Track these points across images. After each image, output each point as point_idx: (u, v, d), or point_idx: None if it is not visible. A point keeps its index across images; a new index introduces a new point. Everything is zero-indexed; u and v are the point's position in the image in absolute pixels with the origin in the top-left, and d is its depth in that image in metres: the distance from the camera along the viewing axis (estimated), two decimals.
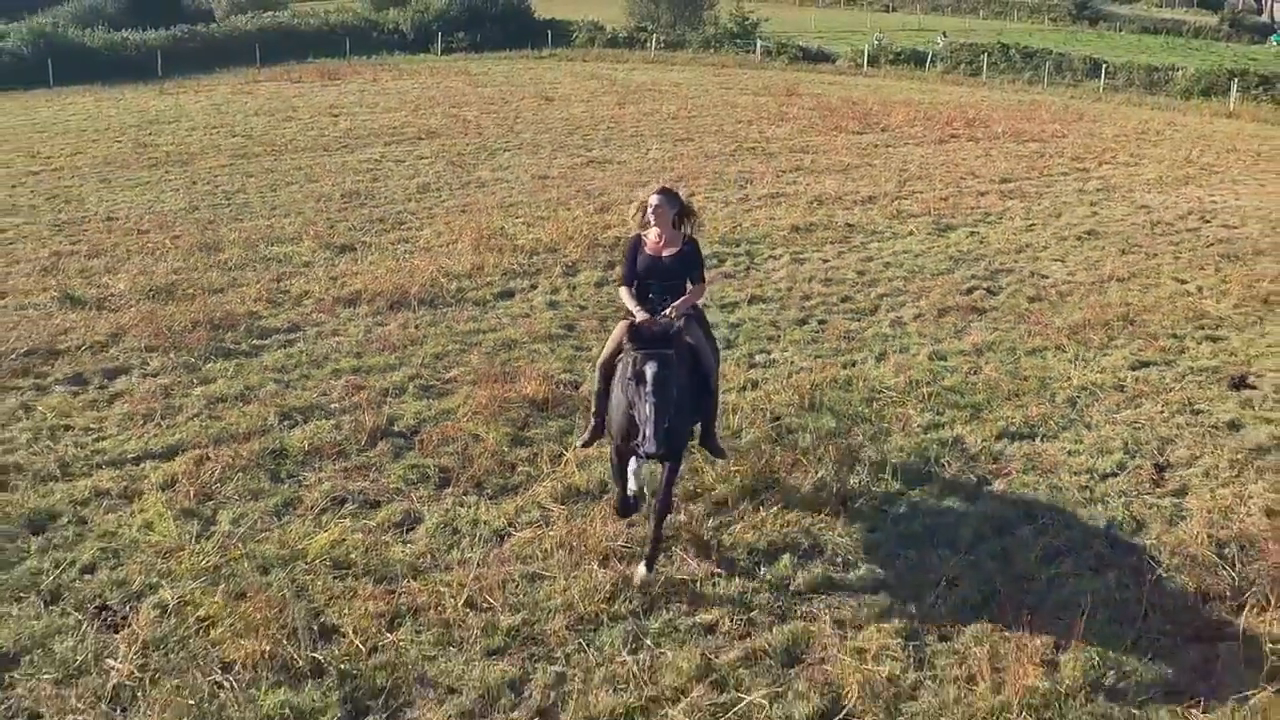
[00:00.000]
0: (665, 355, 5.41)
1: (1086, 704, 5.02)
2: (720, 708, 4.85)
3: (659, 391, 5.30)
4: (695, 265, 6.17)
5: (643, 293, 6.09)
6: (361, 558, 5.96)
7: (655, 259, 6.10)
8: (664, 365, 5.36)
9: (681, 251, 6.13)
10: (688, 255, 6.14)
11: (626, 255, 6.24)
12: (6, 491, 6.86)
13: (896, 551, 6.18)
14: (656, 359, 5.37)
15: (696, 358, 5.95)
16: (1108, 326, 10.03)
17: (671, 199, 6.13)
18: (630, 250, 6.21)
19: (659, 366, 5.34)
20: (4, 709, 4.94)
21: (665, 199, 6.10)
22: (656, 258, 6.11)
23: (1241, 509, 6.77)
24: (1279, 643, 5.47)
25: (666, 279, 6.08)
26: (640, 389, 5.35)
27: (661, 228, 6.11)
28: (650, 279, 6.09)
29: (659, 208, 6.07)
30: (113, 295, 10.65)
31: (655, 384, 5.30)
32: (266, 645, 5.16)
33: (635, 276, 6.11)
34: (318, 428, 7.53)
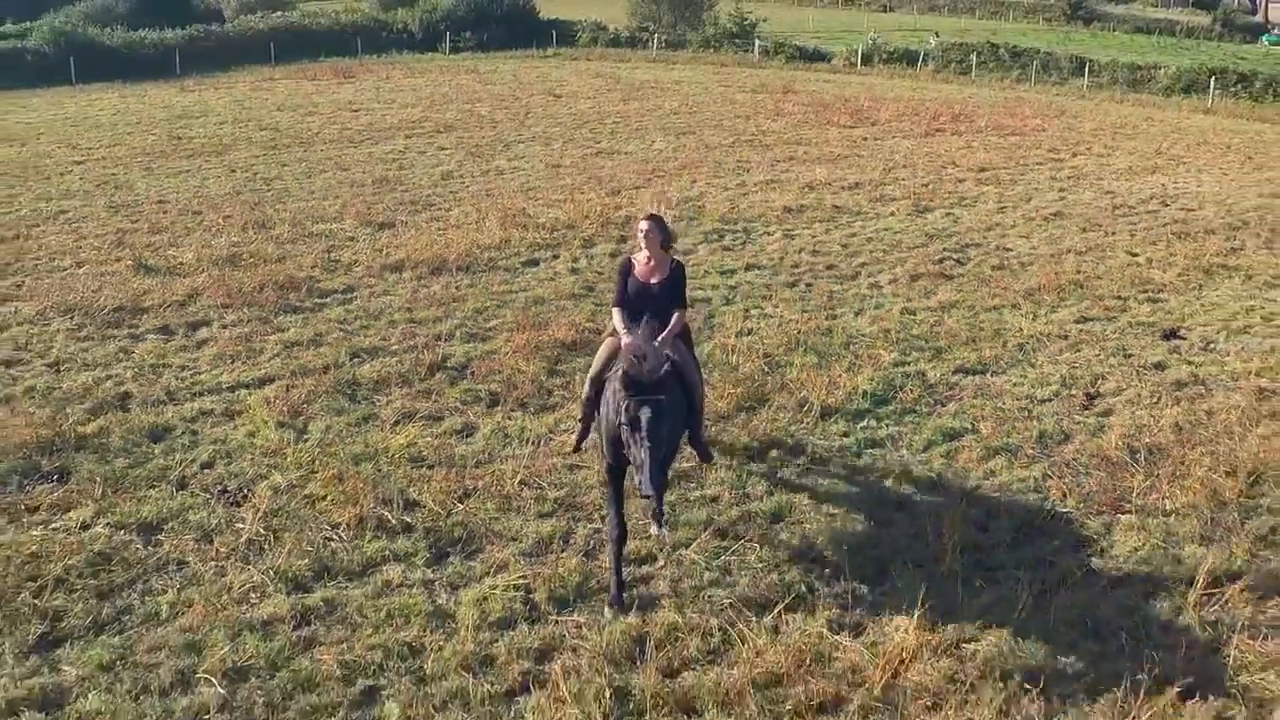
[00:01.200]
0: (658, 402, 5.74)
1: (1012, 550, 6.52)
2: (722, 548, 6.36)
3: (653, 437, 5.65)
4: (679, 290, 6.63)
5: (632, 315, 6.50)
6: (433, 454, 7.47)
7: (644, 285, 6.58)
8: (657, 412, 5.70)
9: (668, 277, 6.60)
10: (674, 281, 6.61)
11: (618, 278, 6.74)
12: (125, 412, 8.36)
13: (863, 451, 7.69)
14: (650, 406, 5.71)
15: (680, 373, 6.31)
16: (1060, 290, 11.55)
17: (660, 225, 6.62)
18: (621, 274, 6.72)
19: (652, 414, 5.69)
20: (157, 559, 6.42)
21: (654, 225, 6.59)
22: (646, 284, 6.59)
23: (1154, 426, 8.27)
24: (1169, 514, 6.97)
25: (654, 304, 6.51)
26: (635, 435, 5.71)
27: (651, 251, 6.58)
28: (640, 303, 6.53)
29: (649, 233, 6.54)
30: (181, 264, 12.15)
31: (649, 430, 5.65)
32: (365, 511, 6.66)
33: (626, 300, 6.58)
34: (383, 363, 9.05)
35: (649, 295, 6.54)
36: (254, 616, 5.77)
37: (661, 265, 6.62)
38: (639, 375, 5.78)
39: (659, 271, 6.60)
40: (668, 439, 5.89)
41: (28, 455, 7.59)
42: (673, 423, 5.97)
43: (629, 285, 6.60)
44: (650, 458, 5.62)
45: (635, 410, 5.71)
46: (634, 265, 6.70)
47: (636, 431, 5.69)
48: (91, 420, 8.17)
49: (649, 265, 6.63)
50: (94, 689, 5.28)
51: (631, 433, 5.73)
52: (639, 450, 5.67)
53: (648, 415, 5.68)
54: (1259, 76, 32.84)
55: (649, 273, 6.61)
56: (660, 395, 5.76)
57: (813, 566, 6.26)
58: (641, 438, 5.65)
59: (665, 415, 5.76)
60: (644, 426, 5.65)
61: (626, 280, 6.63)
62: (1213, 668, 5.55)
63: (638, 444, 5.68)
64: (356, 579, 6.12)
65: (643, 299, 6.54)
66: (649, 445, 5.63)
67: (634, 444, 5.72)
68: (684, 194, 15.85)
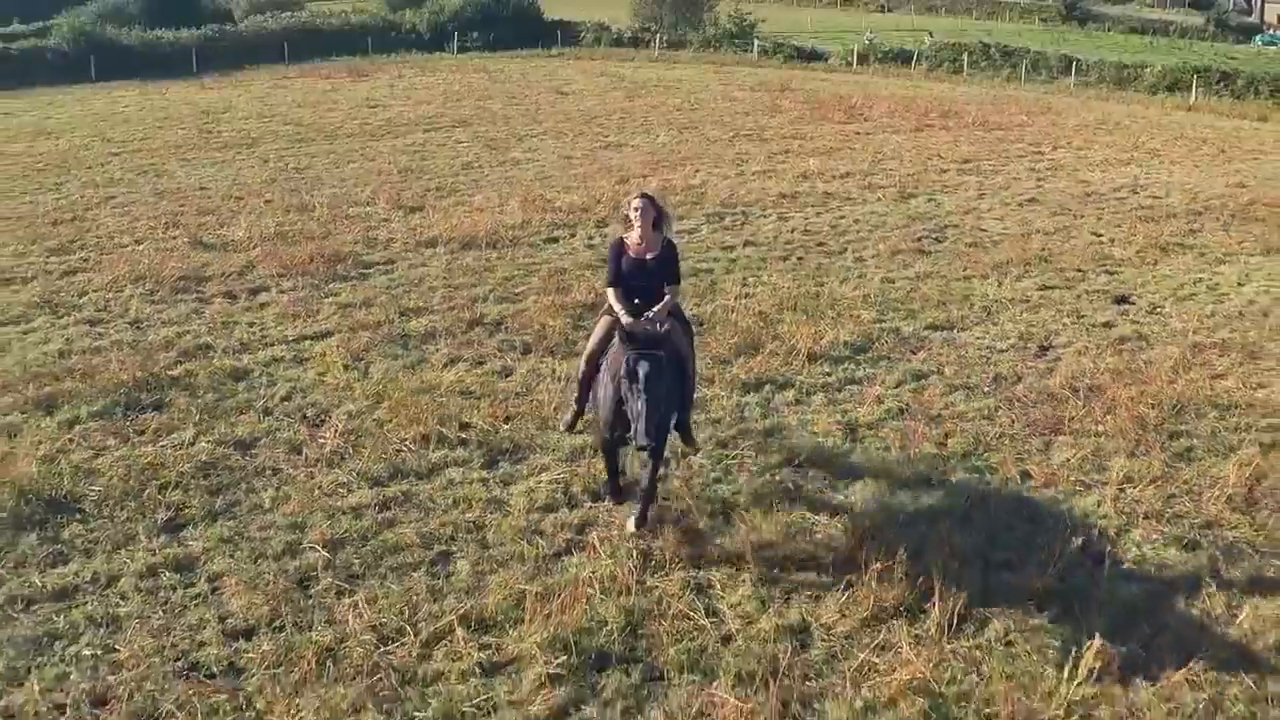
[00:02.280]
0: (657, 356, 6.06)
1: (963, 460, 7.92)
2: (724, 455, 7.79)
3: (651, 389, 5.95)
4: (673, 267, 6.86)
5: (627, 293, 6.76)
6: (479, 388, 8.89)
7: (638, 262, 6.77)
8: (655, 365, 6.03)
9: (661, 254, 6.80)
10: (667, 258, 6.82)
11: (611, 258, 6.91)
12: (207, 359, 9.76)
13: (843, 387, 9.11)
14: (649, 359, 6.03)
15: (676, 350, 6.59)
16: (1027, 263, 12.97)
17: (652, 202, 6.83)
18: (614, 253, 6.87)
19: (651, 366, 6.00)
20: (255, 466, 7.81)
21: (646, 202, 6.79)
22: (639, 260, 6.76)
23: (1096, 370, 9.68)
24: (1099, 436, 8.37)
25: (648, 281, 6.74)
26: (634, 386, 6.00)
27: (643, 229, 6.77)
28: (633, 280, 6.75)
29: (642, 209, 6.75)
30: (233, 240, 13.56)
31: (648, 382, 5.96)
32: (427, 430, 8.07)
33: (620, 278, 6.82)
34: (428, 320, 10.47)
35: (643, 272, 6.75)
36: (344, 504, 7.19)
37: (654, 243, 6.81)
38: (639, 331, 6.18)
39: (651, 249, 6.79)
40: (664, 398, 6.18)
41: (127, 392, 8.98)
42: (669, 383, 6.26)
43: (622, 263, 6.79)
44: (647, 409, 5.94)
45: (634, 364, 6.03)
46: (626, 244, 6.85)
47: (635, 384, 6.01)
48: (178, 365, 9.58)
49: (641, 244, 6.81)
50: (218, 556, 6.68)
51: (630, 385, 6.04)
52: (636, 401, 5.99)
53: (645, 369, 6.01)
54: (1241, 75, 34.29)
55: (642, 250, 6.79)
56: (660, 351, 6.13)
57: (798, 470, 7.67)
58: (639, 389, 5.99)
59: (663, 369, 6.08)
60: (642, 379, 6.00)
61: (620, 260, 6.81)
62: (1123, 543, 6.95)
63: (635, 395, 6.00)
64: (425, 478, 7.53)
65: (636, 276, 6.75)
66: (646, 397, 5.96)
67: (632, 396, 6.04)
68: (687, 182, 17.26)
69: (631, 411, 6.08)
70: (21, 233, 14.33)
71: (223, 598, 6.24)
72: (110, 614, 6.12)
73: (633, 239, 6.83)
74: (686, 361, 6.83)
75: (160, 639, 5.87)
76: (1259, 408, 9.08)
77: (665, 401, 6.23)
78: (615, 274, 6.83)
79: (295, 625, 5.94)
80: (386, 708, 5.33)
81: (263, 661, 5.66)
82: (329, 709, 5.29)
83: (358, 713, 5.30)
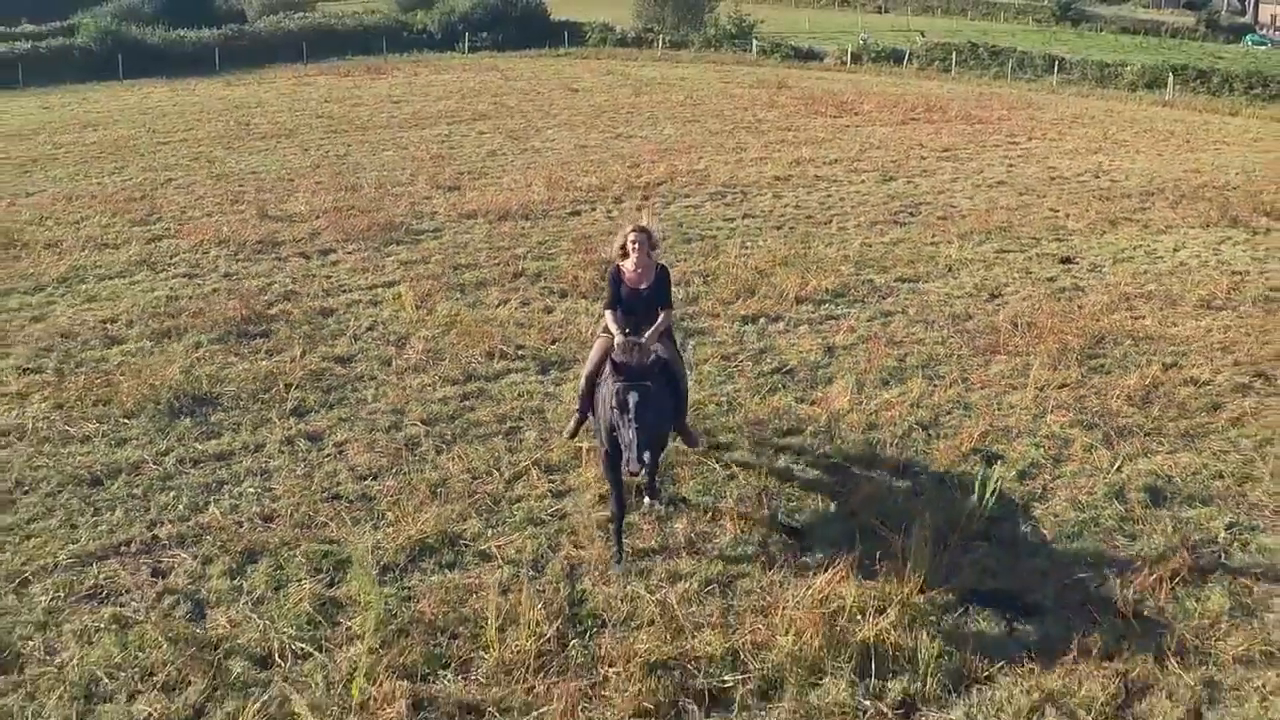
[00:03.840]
0: (645, 387, 6.52)
1: (920, 369, 10.11)
2: (726, 365, 9.99)
3: (640, 419, 6.43)
4: (666, 292, 7.45)
5: (624, 317, 7.34)
6: (527, 321, 11.09)
7: (634, 290, 7.40)
8: (643, 396, 6.49)
9: (655, 282, 7.42)
10: (660, 284, 7.43)
11: (609, 284, 7.51)
12: (296, 302, 11.93)
13: (825, 319, 11.31)
14: (638, 390, 6.49)
15: (667, 367, 7.13)
16: (988, 232, 15.18)
17: (647, 235, 7.47)
18: (612, 280, 7.48)
19: (639, 397, 6.46)
20: (355, 374, 9.97)
21: (642, 236, 7.43)
22: (635, 289, 7.40)
23: (1034, 311, 11.86)
24: (1029, 355, 10.55)
25: (645, 306, 7.37)
26: (624, 417, 6.46)
27: (639, 258, 7.39)
28: (631, 306, 7.38)
29: (639, 242, 7.40)
30: (296, 213, 15.75)
31: (637, 413, 6.43)
32: (491, 347, 10.25)
33: (619, 303, 7.41)
34: (478, 273, 12.68)
35: (639, 299, 7.39)
36: (432, 397, 9.37)
37: (648, 271, 7.44)
38: (629, 363, 6.70)
39: (646, 277, 7.42)
40: (654, 424, 6.65)
41: (236, 325, 11.15)
42: (659, 409, 6.74)
43: (620, 290, 7.42)
44: (638, 437, 6.42)
45: (625, 395, 6.52)
46: (623, 272, 7.46)
47: (626, 414, 6.49)
48: (274, 306, 11.77)
49: (637, 272, 7.42)
50: (339, 430, 8.85)
51: (621, 415, 6.53)
52: (628, 430, 6.47)
53: (635, 399, 6.49)
54: (1216, 72, 36.62)
55: (638, 279, 7.41)
56: (648, 382, 6.63)
57: (786, 375, 9.86)
58: (630, 419, 6.46)
59: (651, 400, 6.57)
60: (632, 409, 6.47)
61: (618, 287, 7.42)
62: (1038, 426, 9.12)
63: (626, 425, 6.49)
64: (493, 380, 9.73)
65: (633, 302, 7.39)
66: (636, 426, 6.44)
67: (623, 425, 6.52)
68: (692, 167, 19.46)
69: (623, 440, 6.59)
70: (102, 208, 16.49)
71: (349, 456, 8.42)
72: (263, 468, 8.30)
73: (628, 267, 7.47)
74: (678, 378, 7.42)
75: (306, 481, 8.05)
76: (1168, 340, 11.27)
77: (655, 426, 6.72)
78: (614, 298, 7.44)
79: (409, 470, 8.12)
80: (484, 516, 7.51)
81: (388, 492, 7.83)
82: (442, 518, 7.46)
83: (464, 520, 7.48)
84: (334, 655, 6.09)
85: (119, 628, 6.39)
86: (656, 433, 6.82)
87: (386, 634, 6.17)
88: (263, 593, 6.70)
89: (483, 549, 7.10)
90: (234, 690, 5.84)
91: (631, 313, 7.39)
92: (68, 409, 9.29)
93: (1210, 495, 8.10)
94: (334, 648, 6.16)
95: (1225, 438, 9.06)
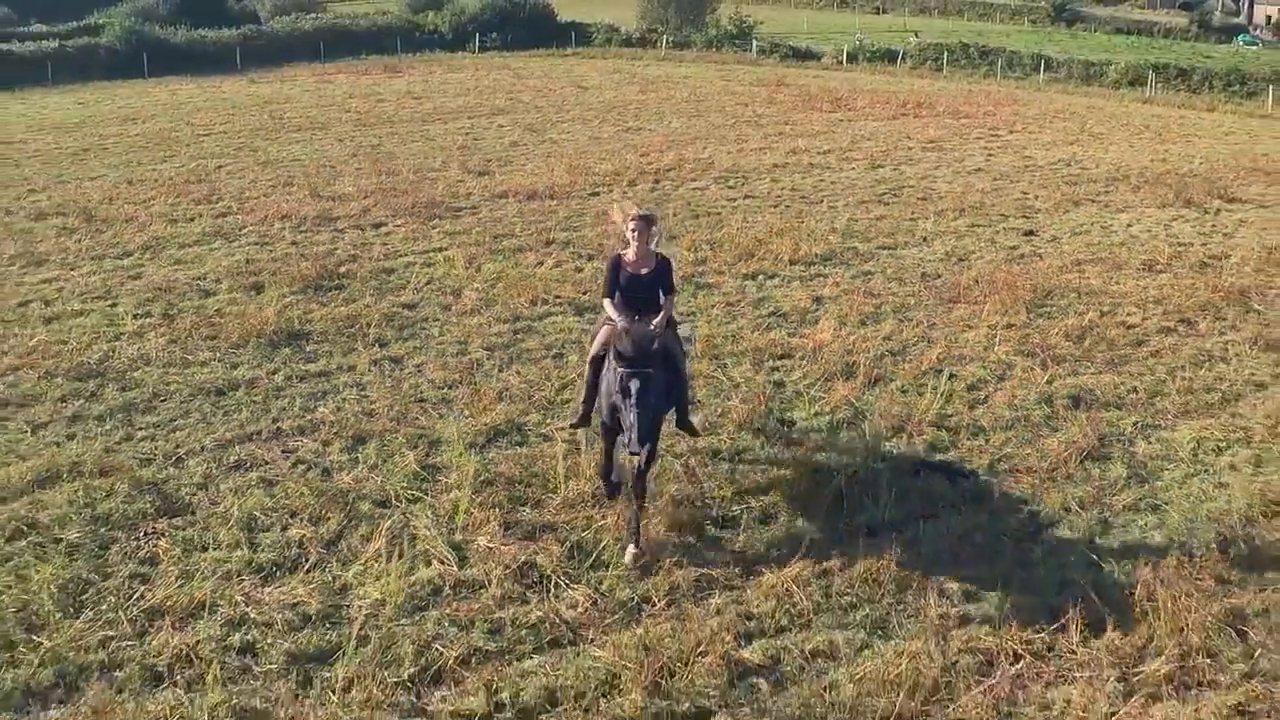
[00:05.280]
0: (645, 374, 6.84)
1: (894, 314, 12.24)
2: (730, 310, 12.14)
3: (641, 403, 6.82)
4: (667, 279, 7.65)
5: (626, 305, 7.55)
6: (563, 278, 13.22)
7: (635, 276, 7.59)
8: (645, 382, 6.80)
9: (656, 268, 7.61)
10: (661, 271, 7.62)
11: (609, 272, 7.66)
12: (357, 264, 14.05)
13: (815, 275, 13.48)
14: (639, 377, 6.81)
15: (669, 356, 7.38)
16: (962, 210, 17.33)
17: (647, 223, 7.60)
18: (611, 268, 7.65)
19: (641, 383, 6.79)
20: (420, 317, 12.09)
21: (643, 223, 7.56)
22: (636, 275, 7.59)
23: (994, 271, 13.99)
24: (985, 303, 12.66)
25: (646, 293, 7.56)
26: (626, 401, 6.84)
27: (639, 246, 7.57)
28: (632, 293, 7.56)
29: (638, 230, 7.55)
30: (345, 193, 17.88)
31: (638, 397, 6.83)
32: (534, 296, 12.38)
33: (618, 289, 7.58)
34: (516, 241, 14.85)
35: (640, 284, 7.58)
36: (489, 333, 11.51)
37: (649, 258, 7.64)
38: (630, 350, 6.99)
39: (647, 263, 7.62)
40: (653, 407, 7.06)
41: (312, 281, 13.26)
42: (658, 393, 7.11)
43: (620, 277, 7.61)
44: (638, 421, 6.83)
45: (626, 380, 6.88)
46: (624, 260, 7.67)
47: (627, 398, 6.88)
48: (342, 266, 13.89)
49: (637, 259, 7.63)
50: (416, 355, 10.95)
51: (623, 399, 6.92)
52: (628, 414, 6.89)
53: (636, 385, 6.88)
54: (1196, 71, 38.85)
55: (638, 265, 7.63)
56: (649, 368, 6.96)
57: (780, 317, 12.01)
58: (630, 404, 6.87)
59: (651, 385, 6.94)
60: (633, 394, 6.87)
61: (618, 274, 7.62)
62: (987, 354, 11.23)
63: (627, 409, 6.90)
64: (537, 320, 11.89)
65: (634, 289, 7.59)
66: (637, 410, 6.86)
67: (624, 409, 6.93)
68: (697, 156, 21.61)
69: (624, 422, 7.03)
70: (165, 191, 18.59)
71: (427, 373, 10.55)
72: (358, 382, 10.42)
73: (629, 255, 7.69)
74: (680, 365, 7.74)
75: (395, 390, 10.16)
76: (1109, 294, 13.41)
77: (655, 409, 7.13)
78: (612, 286, 7.65)
79: (478, 382, 10.25)
80: (542, 412, 9.64)
81: (462, 398, 9.95)
82: (509, 413, 9.58)
83: (526, 414, 9.61)
84: (438, 499, 8.20)
85: (265, 485, 8.49)
86: (656, 416, 7.27)
87: (477, 484, 8.28)
88: (375, 462, 8.82)
89: (544, 432, 9.24)
90: (365, 520, 7.94)
91: (633, 299, 7.64)
92: (182, 342, 11.41)
93: (1124, 403, 10.24)
94: (437, 495, 8.28)
95: (1144, 365, 11.22)
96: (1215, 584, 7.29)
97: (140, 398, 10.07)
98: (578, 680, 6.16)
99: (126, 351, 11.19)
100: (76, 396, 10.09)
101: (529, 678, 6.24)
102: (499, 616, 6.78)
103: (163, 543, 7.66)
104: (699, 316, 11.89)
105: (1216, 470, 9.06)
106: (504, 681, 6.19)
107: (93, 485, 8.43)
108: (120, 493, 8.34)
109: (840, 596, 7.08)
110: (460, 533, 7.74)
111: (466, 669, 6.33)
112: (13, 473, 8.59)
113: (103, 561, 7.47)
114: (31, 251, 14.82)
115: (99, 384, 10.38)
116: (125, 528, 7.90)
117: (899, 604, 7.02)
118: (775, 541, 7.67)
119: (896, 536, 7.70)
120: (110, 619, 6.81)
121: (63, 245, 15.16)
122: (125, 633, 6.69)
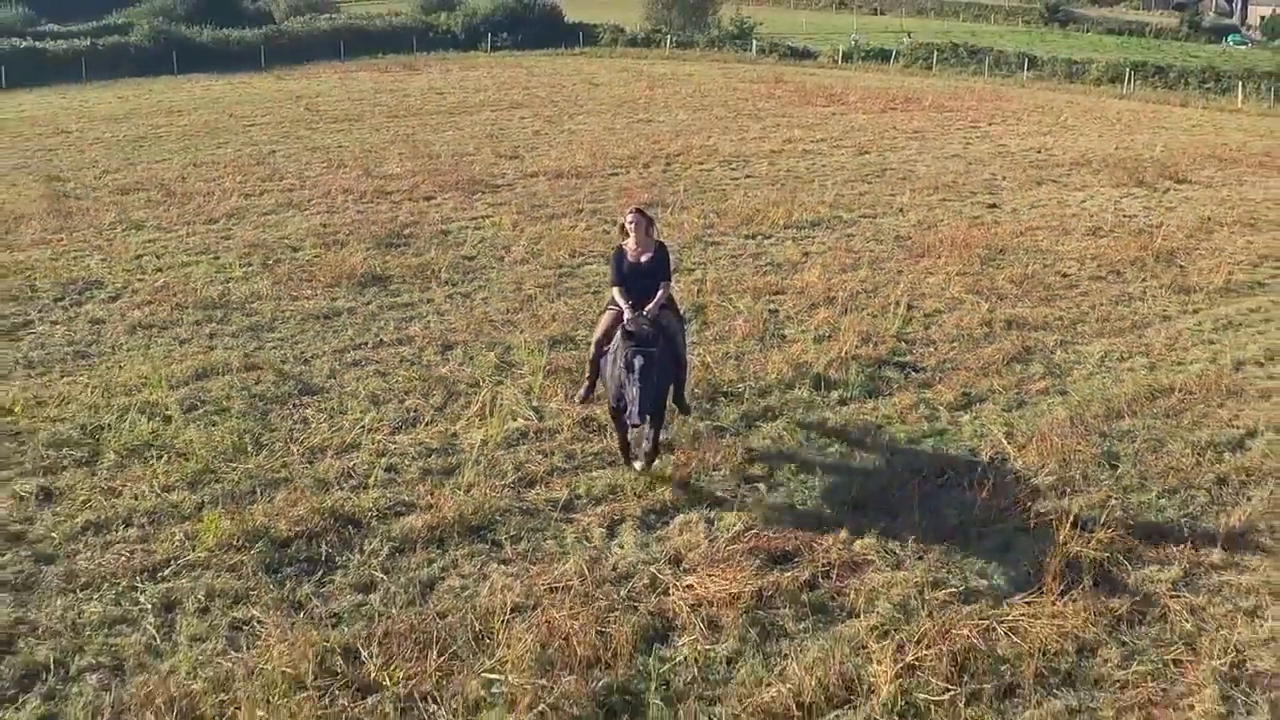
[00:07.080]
0: (650, 352, 7.56)
1: (871, 267, 15.15)
2: (731, 262, 15.05)
3: (644, 379, 7.53)
4: (665, 266, 8.57)
5: (628, 291, 8.40)
6: (594, 238, 16.13)
7: (636, 265, 8.51)
8: (648, 360, 7.54)
9: (655, 257, 8.52)
10: (660, 259, 8.54)
11: (614, 263, 8.71)
12: (418, 227, 16.95)
13: (805, 236, 16.40)
14: (643, 354, 7.53)
15: (669, 337, 8.16)
16: (935, 188, 20.28)
17: (643, 215, 8.69)
18: (616, 259, 8.70)
19: (644, 361, 7.50)
20: (479, 265, 14.99)
21: (639, 216, 8.64)
22: (637, 264, 8.51)
23: (958, 234, 16.89)
24: (947, 259, 15.56)
25: (647, 279, 8.48)
26: (630, 376, 7.54)
27: (638, 237, 8.53)
28: (634, 281, 8.45)
29: (637, 223, 8.63)
30: (393, 174, 20.79)
31: (642, 373, 7.54)
32: (573, 249, 15.30)
33: (623, 278, 8.54)
34: (549, 209, 17.78)
35: (641, 272, 8.53)
36: (538, 277, 14.40)
37: (648, 247, 8.60)
38: (637, 330, 7.84)
39: (646, 251, 8.59)
40: (656, 384, 7.82)
41: (380, 239, 16.15)
42: (660, 371, 7.88)
43: (624, 266, 8.58)
44: (641, 395, 7.56)
45: (632, 358, 7.58)
46: (625, 251, 8.67)
47: (631, 374, 7.58)
48: (405, 230, 16.78)
49: (638, 249, 8.59)
50: (481, 291, 13.83)
51: (627, 375, 7.62)
52: (632, 388, 7.58)
53: (640, 362, 7.60)
54: (1173, 68, 41.92)
55: (639, 255, 8.59)
56: (653, 348, 7.76)
57: (775, 266, 14.92)
58: (634, 379, 7.57)
59: (655, 363, 7.71)
60: (637, 370, 7.57)
61: (621, 263, 8.59)
62: (943, 293, 14.13)
63: (631, 384, 7.59)
64: (577, 268, 14.81)
65: (636, 275, 8.52)
66: (640, 385, 7.57)
67: (628, 384, 7.63)
68: (703, 144, 24.55)
69: (629, 396, 7.77)
70: (230, 171, 21.46)
71: (491, 304, 13.43)
72: (437, 310, 13.30)
73: (630, 246, 8.66)
74: (679, 346, 8.63)
75: (469, 315, 13.02)
76: (1054, 253, 16.32)
77: (657, 385, 7.91)
78: (618, 275, 8.65)
79: (535, 309, 13.14)
80: (589, 329, 12.52)
81: (523, 323, 12.83)
82: (561, 328, 12.46)
83: (576, 330, 12.48)
84: (517, 382, 11.08)
85: (380, 375, 11.36)
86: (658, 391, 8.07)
87: (544, 371, 11.15)
88: (462, 360, 11.70)
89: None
90: (463, 395, 10.81)
91: (635, 284, 8.57)
92: (284, 284, 14.28)
93: (1050, 327, 13.13)
94: (516, 380, 11.15)
95: (1072, 302, 14.12)
96: (1100, 438, 10.15)
97: (262, 321, 12.94)
98: (633, 482, 9.03)
99: (240, 290, 14.05)
100: (209, 320, 12.95)
101: (596, 480, 9.11)
102: (572, 449, 9.66)
103: (309, 410, 10.52)
104: (708, 267, 14.79)
105: (1117, 372, 11.94)
106: (579, 482, 9.06)
107: (244, 376, 11.29)
108: (266, 381, 11.20)
109: (821, 440, 10.00)
110: (537, 401, 10.62)
111: (551, 478, 9.21)
112: (175, 370, 11.44)
113: (266, 422, 10.32)
114: (128, 218, 17.69)
115: (224, 313, 13.23)
116: (277, 402, 10.73)
117: (859, 445, 9.92)
118: (770, 408, 10.56)
119: (859, 406, 10.60)
120: (284, 454, 9.65)
121: (155, 214, 18.04)
122: (298, 460, 9.53)
